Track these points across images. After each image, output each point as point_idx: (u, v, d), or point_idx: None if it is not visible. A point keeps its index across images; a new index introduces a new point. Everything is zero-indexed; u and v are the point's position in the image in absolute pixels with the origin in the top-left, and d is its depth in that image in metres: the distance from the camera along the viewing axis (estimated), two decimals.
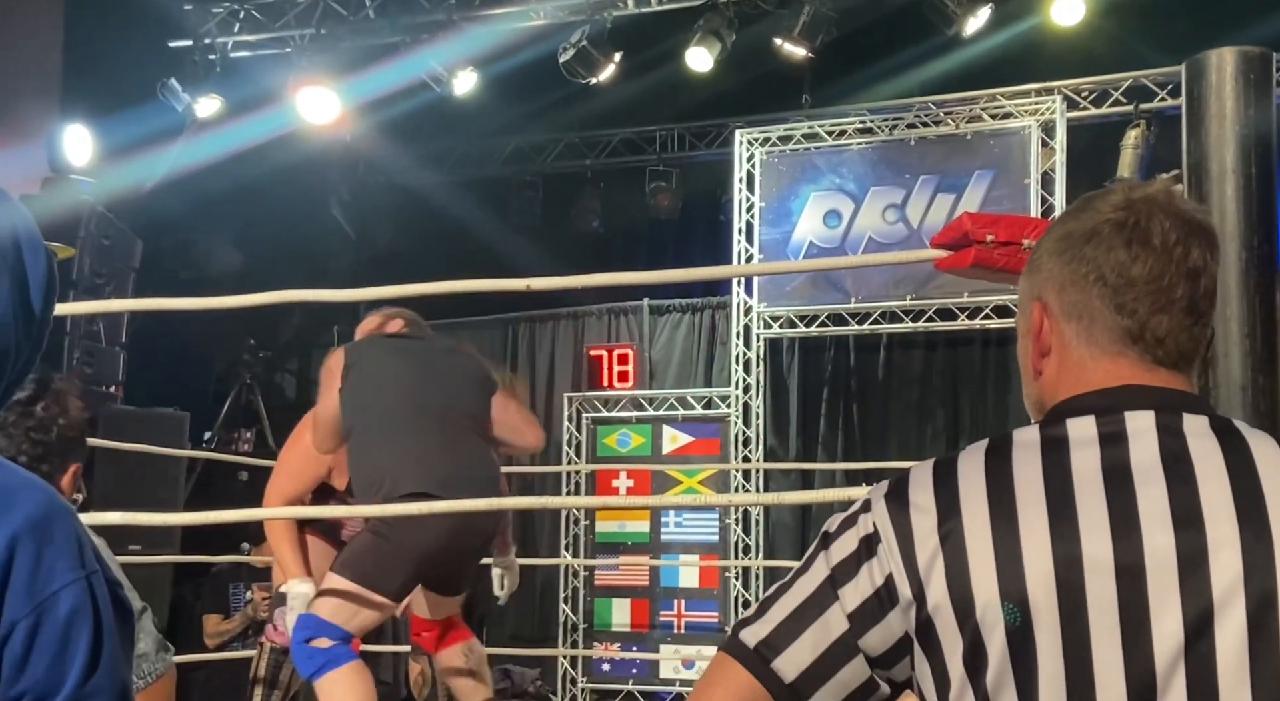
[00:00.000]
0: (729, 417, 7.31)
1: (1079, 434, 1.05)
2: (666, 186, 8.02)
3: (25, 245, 1.04)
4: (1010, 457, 1.05)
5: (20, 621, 0.89)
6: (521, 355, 8.29)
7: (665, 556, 7.16)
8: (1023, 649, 0.98)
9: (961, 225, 2.58)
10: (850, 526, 1.08)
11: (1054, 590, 0.98)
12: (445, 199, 8.43)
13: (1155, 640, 0.96)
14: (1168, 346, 1.07)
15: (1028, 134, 6.84)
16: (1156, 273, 1.06)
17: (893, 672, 1.07)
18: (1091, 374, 1.08)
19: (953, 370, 7.23)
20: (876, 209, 7.12)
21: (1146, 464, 1.02)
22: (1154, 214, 1.08)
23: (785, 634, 1.06)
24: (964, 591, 1.00)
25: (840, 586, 1.06)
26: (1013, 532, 1.00)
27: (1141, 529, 0.99)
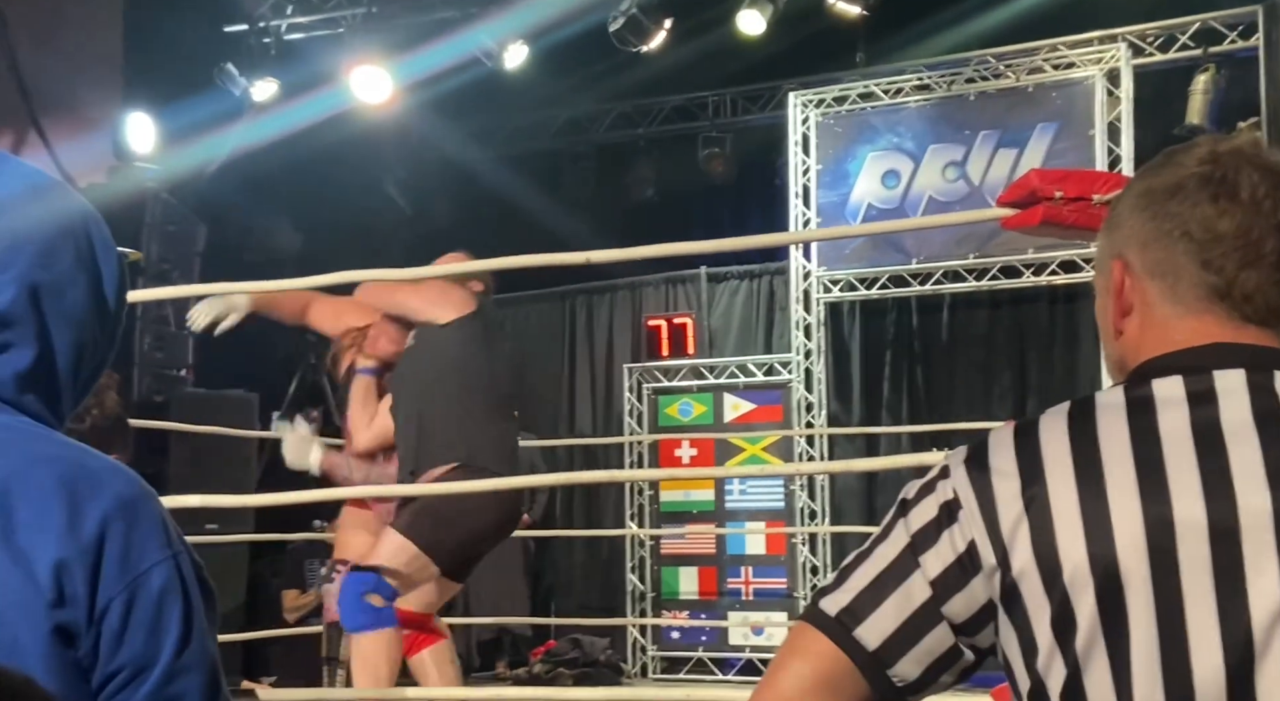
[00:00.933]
0: (791, 384, 7.27)
1: (1166, 394, 1.02)
2: (720, 152, 7.94)
3: (98, 244, 1.07)
4: (1094, 420, 1.03)
5: (115, 598, 0.93)
6: (580, 328, 8.31)
7: (731, 524, 7.16)
8: (1114, 612, 0.97)
9: (1029, 182, 2.53)
10: (929, 493, 1.07)
11: (1145, 553, 0.97)
12: (499, 174, 8.45)
13: (1252, 601, 0.95)
14: (1256, 303, 1.04)
15: (1091, 84, 6.67)
16: (1245, 227, 1.03)
17: (976, 640, 1.05)
18: (1177, 332, 1.06)
19: (1018, 329, 7.12)
20: (936, 167, 7.00)
21: (1238, 423, 0.99)
22: (1241, 167, 1.05)
23: (866, 602, 1.05)
24: (1051, 555, 0.99)
25: (921, 553, 1.05)
26: (1100, 495, 0.99)
27: (1235, 489, 0.97)
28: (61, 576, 0.91)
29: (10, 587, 0.90)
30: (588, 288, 8.29)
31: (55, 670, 0.90)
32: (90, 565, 0.92)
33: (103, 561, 0.93)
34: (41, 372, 1.02)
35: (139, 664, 0.93)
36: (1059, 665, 0.99)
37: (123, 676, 0.93)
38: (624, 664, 7.23)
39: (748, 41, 6.89)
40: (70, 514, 0.93)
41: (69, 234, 1.05)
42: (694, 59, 7.41)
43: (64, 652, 0.91)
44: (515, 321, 8.58)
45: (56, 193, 1.07)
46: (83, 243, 1.05)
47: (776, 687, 1.06)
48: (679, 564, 7.28)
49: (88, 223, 1.07)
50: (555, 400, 8.25)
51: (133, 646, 0.93)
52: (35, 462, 0.96)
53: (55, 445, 0.99)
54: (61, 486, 0.94)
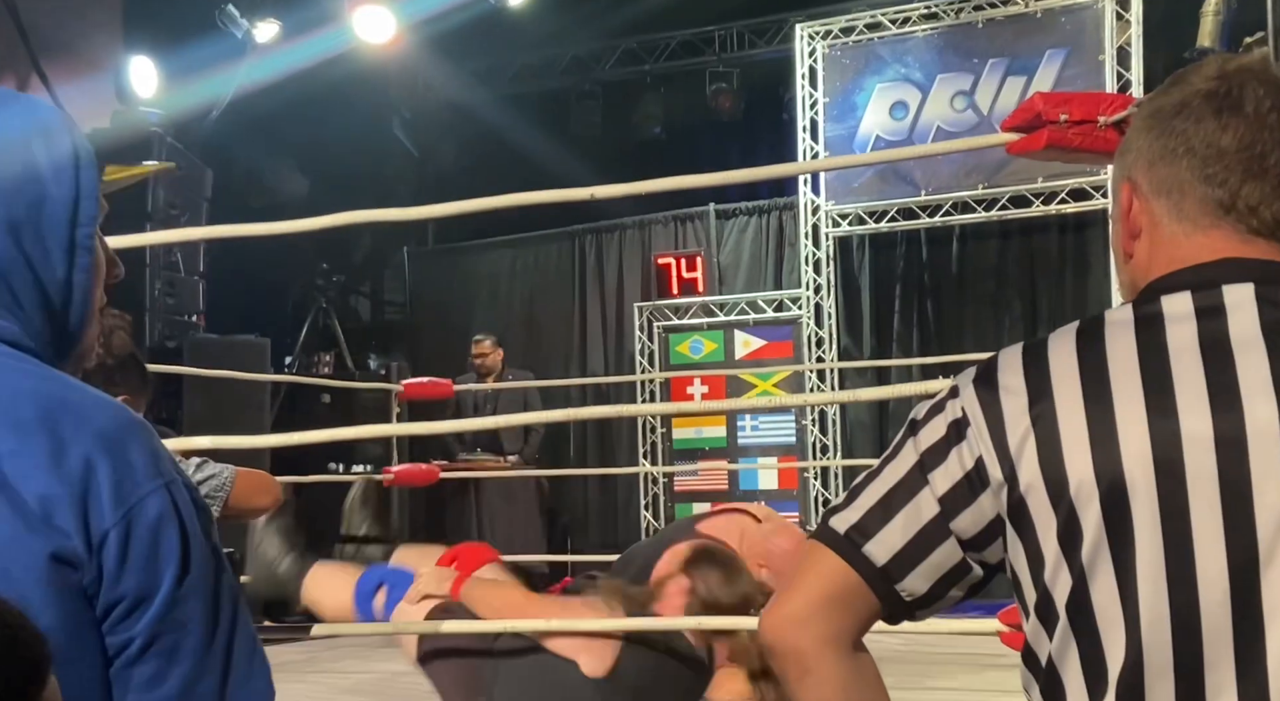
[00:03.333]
0: (801, 319, 7.27)
1: (1174, 310, 1.02)
2: (728, 87, 7.86)
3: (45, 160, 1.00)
4: (1103, 336, 1.03)
5: (111, 530, 0.92)
6: (589, 267, 8.30)
7: (743, 460, 7.21)
8: (1119, 524, 0.98)
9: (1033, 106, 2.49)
10: (938, 412, 1.08)
11: (1151, 465, 0.97)
12: (506, 113, 8.38)
13: (1257, 511, 0.95)
14: (1263, 215, 1.03)
15: (1101, 8, 6.56)
16: (1248, 141, 1.03)
17: (985, 555, 1.06)
18: (1185, 249, 1.05)
19: (1029, 258, 7.08)
20: (944, 97, 6.92)
21: (1246, 336, 0.99)
22: (1247, 83, 1.04)
23: (875, 519, 1.06)
24: (1057, 470, 0.99)
25: (930, 471, 1.05)
26: (1107, 410, 0.99)
27: (1243, 401, 0.97)
28: (51, 509, 0.90)
29: None
30: (596, 227, 8.27)
31: (54, 597, 0.90)
32: (78, 499, 0.91)
33: (90, 495, 0.92)
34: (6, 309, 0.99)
35: (139, 594, 0.93)
36: (1065, 576, 1.00)
37: (124, 606, 0.93)
38: None
39: None
40: (53, 449, 0.92)
41: None
42: None
43: (65, 578, 0.90)
44: (524, 261, 8.58)
45: None
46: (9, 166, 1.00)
47: (788, 604, 1.08)
48: (692, 500, 7.34)
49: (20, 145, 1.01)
50: (566, 340, 8.27)
51: (133, 577, 0.92)
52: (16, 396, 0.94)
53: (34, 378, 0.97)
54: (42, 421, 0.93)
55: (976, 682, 3.47)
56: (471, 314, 8.55)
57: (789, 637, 1.07)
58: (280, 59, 7.10)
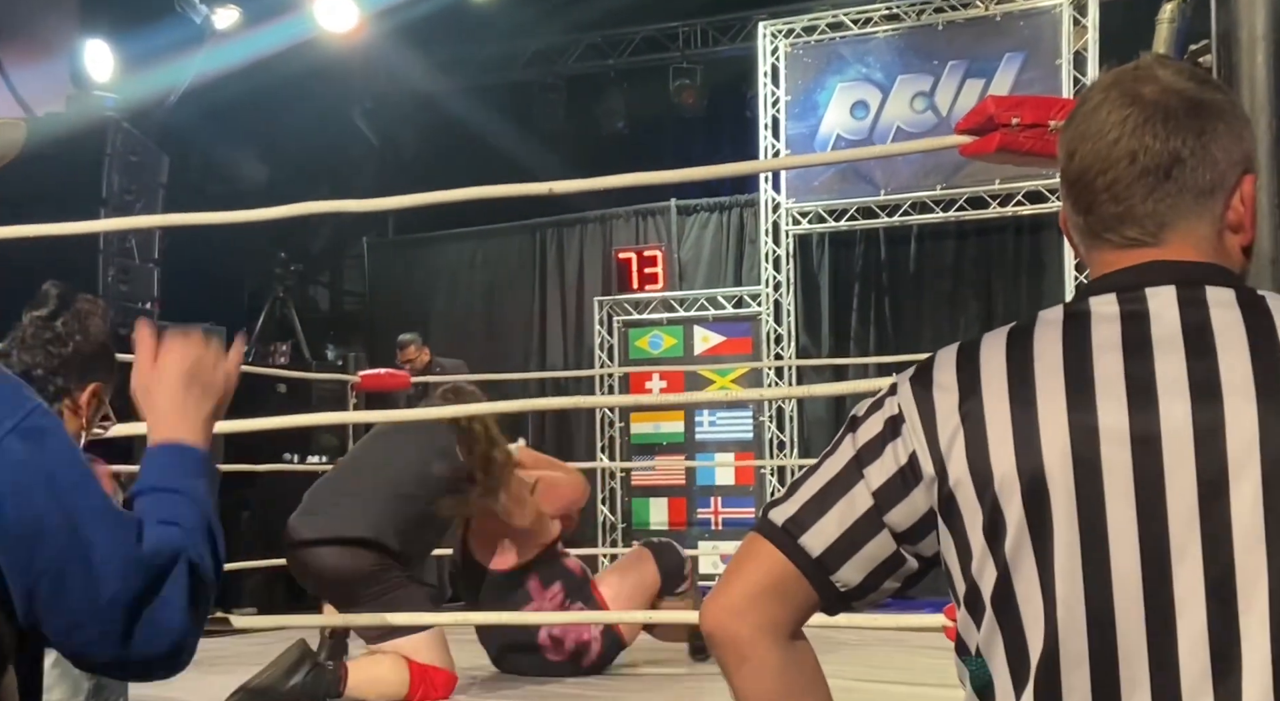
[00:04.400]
0: (760, 316, 7.31)
1: (1101, 310, 1.06)
2: (691, 84, 7.89)
3: None
4: (1033, 335, 1.07)
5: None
6: (550, 261, 8.30)
7: (701, 456, 7.24)
8: (1039, 517, 1.00)
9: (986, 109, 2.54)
10: (877, 409, 1.11)
11: (1069, 460, 1.00)
12: (469, 105, 8.36)
13: (1169, 505, 0.98)
14: (1178, 228, 1.06)
15: (1059, 13, 6.65)
16: (1091, 161, 1.06)
17: (919, 548, 1.09)
18: (1110, 256, 1.09)
19: (985, 259, 7.17)
20: (904, 98, 6.98)
21: (1167, 336, 1.02)
22: (1109, 97, 1.07)
23: (812, 511, 1.09)
24: (983, 465, 1.02)
25: (866, 466, 1.08)
26: (1030, 406, 1.02)
27: (1159, 399, 1.00)
28: None
29: None
30: (558, 220, 8.27)
31: None
32: None
33: None
34: None
35: (29, 527, 0.94)
36: (990, 568, 1.03)
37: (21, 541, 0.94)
38: None
39: None
40: None
41: None
42: None
43: None
44: (485, 254, 8.56)
45: None
46: None
47: (726, 594, 1.10)
48: (649, 495, 7.37)
49: None
50: (526, 333, 8.26)
51: (15, 511, 0.94)
52: None
53: None
54: None
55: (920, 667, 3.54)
56: (431, 306, 8.53)
57: (727, 626, 1.09)
58: (240, 46, 7.03)
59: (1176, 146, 1.06)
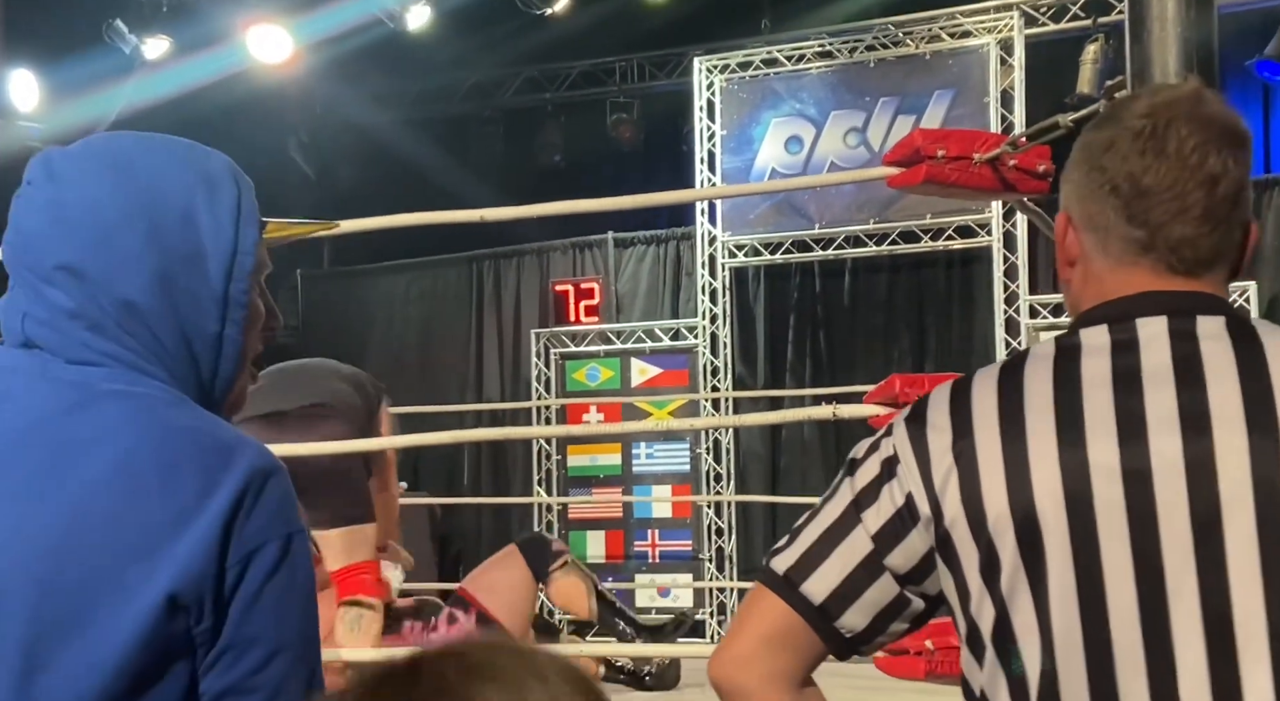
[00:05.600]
0: (697, 348, 7.33)
1: (1091, 342, 1.05)
2: (628, 118, 7.94)
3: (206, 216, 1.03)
4: (1024, 371, 1.06)
5: (230, 570, 0.92)
6: (487, 293, 8.26)
7: (638, 488, 7.22)
8: (1033, 554, 1.00)
9: (913, 142, 2.58)
10: (874, 452, 1.10)
11: (1061, 496, 1.00)
12: (405, 137, 8.32)
13: (1164, 543, 0.97)
14: (1183, 254, 1.06)
15: (986, 52, 6.81)
16: (1169, 182, 1.05)
17: (924, 587, 1.09)
18: (1108, 284, 1.09)
19: (918, 292, 7.27)
20: (838, 133, 7.09)
21: (1157, 368, 1.02)
22: (1174, 121, 1.06)
23: (812, 559, 1.09)
24: (977, 504, 1.02)
25: (864, 510, 1.08)
26: (1021, 443, 1.02)
27: (1149, 433, 0.99)
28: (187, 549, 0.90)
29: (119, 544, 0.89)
30: (494, 252, 8.24)
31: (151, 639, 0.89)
32: (218, 537, 0.91)
33: (228, 534, 0.91)
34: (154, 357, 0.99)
35: (243, 640, 0.92)
36: (988, 607, 1.03)
37: (228, 652, 0.92)
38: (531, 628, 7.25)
39: (654, 6, 6.88)
40: (204, 484, 0.91)
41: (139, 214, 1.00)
42: (601, 23, 7.38)
43: (169, 622, 0.89)
44: (421, 286, 8.50)
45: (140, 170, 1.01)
46: (166, 219, 1.00)
47: (733, 645, 1.10)
48: (586, 528, 7.32)
49: (180, 197, 1.01)
50: (462, 366, 8.20)
51: (239, 622, 0.92)
52: (170, 431, 0.94)
53: (188, 415, 0.97)
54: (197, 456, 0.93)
55: None
56: (366, 338, 8.43)
57: (734, 677, 1.09)
58: (171, 76, 6.93)
59: (1240, 175, 1.06)
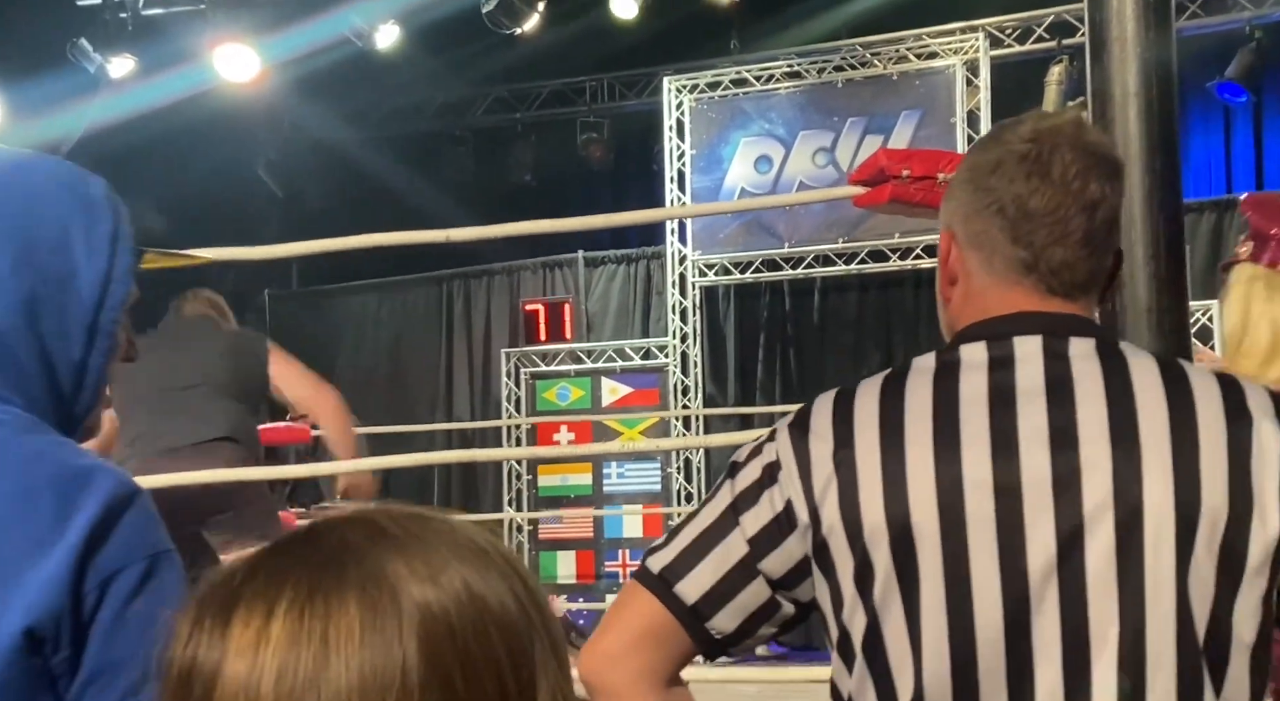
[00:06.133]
0: (667, 367, 7.34)
1: (970, 358, 1.08)
2: (598, 137, 7.95)
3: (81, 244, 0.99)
4: (905, 383, 1.08)
5: (88, 595, 0.90)
6: (457, 312, 8.24)
7: (609, 507, 7.20)
8: (906, 566, 1.02)
9: (877, 161, 2.59)
10: (756, 456, 1.11)
11: (935, 509, 1.02)
12: (375, 156, 8.30)
13: (1029, 555, 1.00)
14: (1063, 277, 1.09)
15: (952, 73, 6.88)
16: (1053, 206, 1.08)
17: (796, 593, 1.09)
18: (990, 301, 1.11)
19: (886, 311, 7.31)
20: (806, 153, 7.14)
21: (1030, 386, 1.04)
22: (1057, 147, 1.09)
23: (688, 559, 1.09)
24: (854, 513, 1.04)
25: (742, 513, 1.09)
26: (899, 456, 1.04)
27: (1020, 449, 1.02)
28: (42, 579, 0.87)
29: None
30: (465, 272, 8.22)
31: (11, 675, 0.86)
32: (74, 564, 0.88)
33: (84, 561, 0.89)
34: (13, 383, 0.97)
35: (109, 667, 0.90)
36: (860, 615, 1.04)
37: (95, 681, 0.89)
38: None
39: (623, 26, 6.90)
40: (61, 511, 0.89)
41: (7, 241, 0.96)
42: (570, 43, 7.40)
43: (28, 655, 0.87)
44: (391, 306, 8.46)
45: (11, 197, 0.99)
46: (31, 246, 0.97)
47: (603, 641, 1.10)
48: (557, 548, 7.29)
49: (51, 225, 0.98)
50: (432, 385, 8.17)
51: (102, 649, 0.90)
52: (26, 457, 0.92)
53: (44, 442, 0.94)
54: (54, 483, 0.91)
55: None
56: (335, 358, 8.37)
57: (603, 673, 1.09)
58: (137, 95, 6.88)
59: (1116, 203, 1.10)
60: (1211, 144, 7.03)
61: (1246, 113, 6.88)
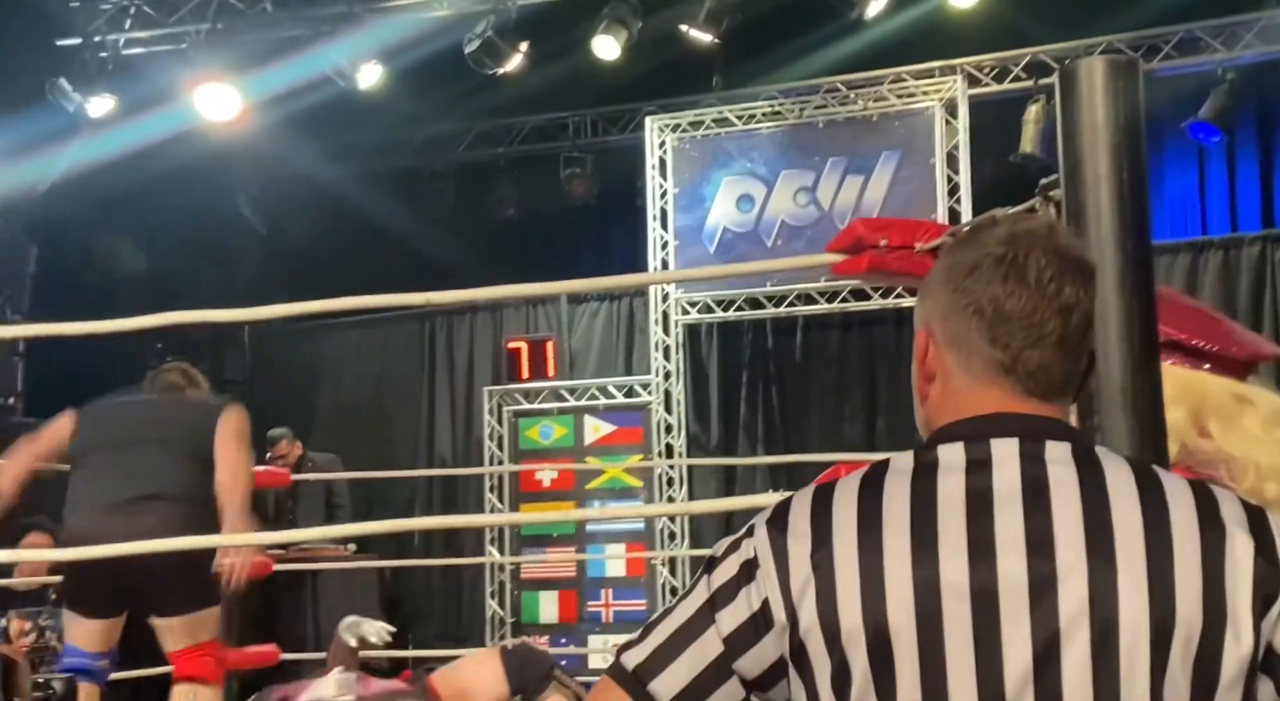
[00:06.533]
0: (651, 405, 7.33)
1: (948, 459, 1.08)
2: (581, 173, 7.96)
3: None
4: (884, 484, 1.08)
5: None
6: (440, 350, 8.21)
7: (591, 547, 7.17)
8: (883, 670, 1.02)
9: (854, 231, 2.60)
10: (734, 551, 1.11)
11: (913, 613, 1.02)
12: (358, 192, 8.29)
13: (1006, 663, 1.00)
14: (1039, 379, 1.10)
15: (931, 114, 6.93)
16: (1029, 309, 1.10)
17: (771, 694, 1.09)
18: (967, 401, 1.12)
19: (868, 349, 7.33)
20: (788, 192, 7.17)
21: (1007, 490, 1.05)
22: (1033, 250, 1.11)
23: (662, 657, 1.09)
24: (831, 616, 1.04)
25: (719, 610, 1.08)
26: (877, 558, 1.04)
27: (997, 554, 1.02)
28: None
29: None
30: (447, 309, 8.20)
31: None
32: None
33: None
34: None
35: None
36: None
37: None
38: None
39: (606, 65, 6.93)
40: None
41: None
42: (553, 80, 7.42)
43: None
44: (373, 344, 8.43)
45: None
46: None
47: None
48: (539, 588, 7.25)
49: None
50: (414, 423, 8.13)
51: None
52: None
53: None
54: None
55: None
56: (317, 395, 8.34)
57: None
58: (117, 135, 6.88)
59: (1089, 306, 1.12)
60: (1186, 184, 7.09)
61: (1220, 153, 6.95)
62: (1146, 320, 2.10)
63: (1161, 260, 6.57)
